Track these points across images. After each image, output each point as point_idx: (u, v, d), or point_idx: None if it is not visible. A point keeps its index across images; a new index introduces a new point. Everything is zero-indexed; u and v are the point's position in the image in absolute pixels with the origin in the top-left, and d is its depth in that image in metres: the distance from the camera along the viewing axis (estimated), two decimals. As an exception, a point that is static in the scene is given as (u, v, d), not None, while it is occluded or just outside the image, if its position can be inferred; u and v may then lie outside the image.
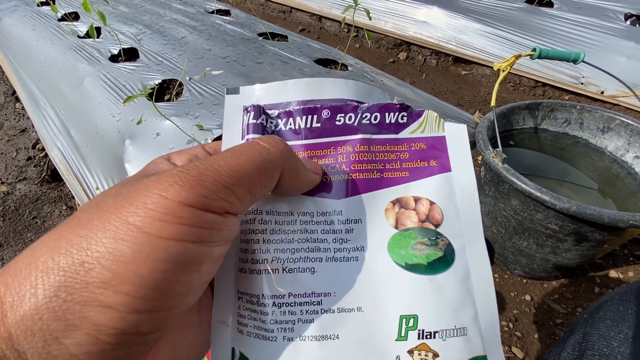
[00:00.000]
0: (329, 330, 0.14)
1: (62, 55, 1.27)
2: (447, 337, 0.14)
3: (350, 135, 0.16)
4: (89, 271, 0.11)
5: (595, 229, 0.57)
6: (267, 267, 0.15)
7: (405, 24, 1.73)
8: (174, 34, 1.32)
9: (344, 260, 0.15)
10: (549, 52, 0.68)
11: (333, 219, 0.15)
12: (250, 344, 0.15)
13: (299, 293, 0.15)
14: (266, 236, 0.15)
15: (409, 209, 0.16)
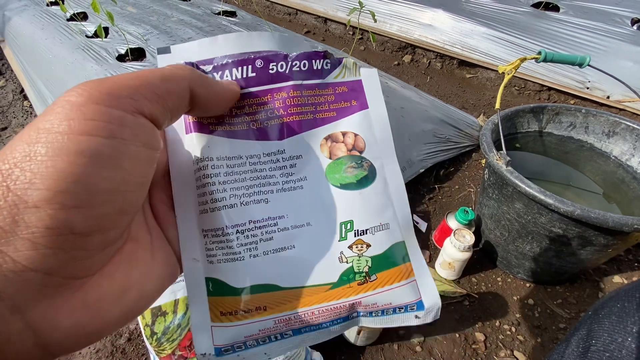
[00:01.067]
0: (286, 243, 0.18)
1: (71, 55, 1.28)
2: (375, 232, 0.19)
3: (284, 82, 0.18)
4: (8, 176, 0.11)
5: (599, 232, 0.57)
6: (225, 203, 0.17)
7: (410, 27, 1.74)
8: (181, 35, 1.33)
9: (291, 189, 0.18)
10: (554, 56, 0.68)
11: (278, 157, 0.18)
12: (222, 269, 0.17)
13: (257, 219, 0.17)
14: (220, 178, 0.17)
15: (339, 142, 0.19)
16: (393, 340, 0.69)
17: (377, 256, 0.19)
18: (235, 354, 0.18)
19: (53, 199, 0.11)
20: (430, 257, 0.84)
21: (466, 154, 1.12)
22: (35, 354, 0.12)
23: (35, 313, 0.12)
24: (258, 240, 0.17)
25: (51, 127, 0.12)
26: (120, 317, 0.14)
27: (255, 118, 0.18)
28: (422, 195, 0.98)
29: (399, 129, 0.97)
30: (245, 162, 0.18)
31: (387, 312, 0.19)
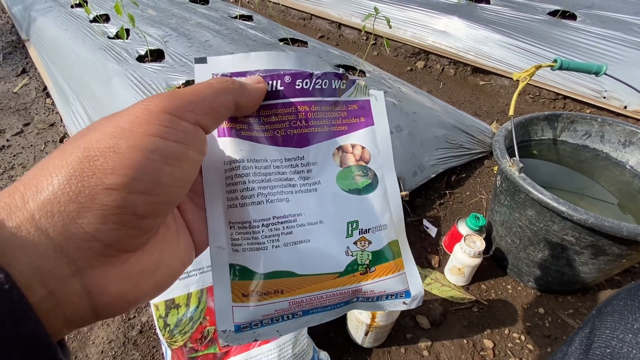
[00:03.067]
0: (303, 237, 0.20)
1: (93, 55, 1.33)
2: (376, 231, 0.22)
3: (307, 97, 0.21)
4: (94, 162, 0.13)
5: (613, 242, 0.56)
6: (254, 200, 0.20)
7: (424, 33, 1.74)
8: (199, 37, 1.37)
9: (308, 191, 0.21)
10: (570, 64, 0.68)
11: (297, 162, 0.21)
12: (246, 256, 0.20)
13: (279, 215, 0.20)
14: (250, 178, 0.20)
15: (348, 152, 0.22)
16: (400, 344, 0.69)
17: (376, 251, 0.22)
18: (251, 330, 0.20)
19: (128, 185, 0.14)
20: (439, 262, 0.84)
21: (478, 161, 1.11)
22: (85, 315, 0.14)
23: (91, 278, 0.14)
24: (280, 234, 0.20)
25: (132, 128, 0.14)
26: (153, 288, 0.16)
27: (280, 127, 0.21)
28: (433, 200, 0.98)
29: (412, 134, 0.97)
30: (270, 165, 0.20)
31: (380, 298, 0.23)
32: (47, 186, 0.13)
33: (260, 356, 0.56)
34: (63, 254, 0.13)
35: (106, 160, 0.13)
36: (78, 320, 0.14)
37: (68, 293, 0.13)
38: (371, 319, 0.55)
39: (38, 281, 0.12)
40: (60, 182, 0.13)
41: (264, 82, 0.20)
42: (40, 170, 0.13)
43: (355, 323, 0.60)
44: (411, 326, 0.72)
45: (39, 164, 0.14)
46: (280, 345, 0.57)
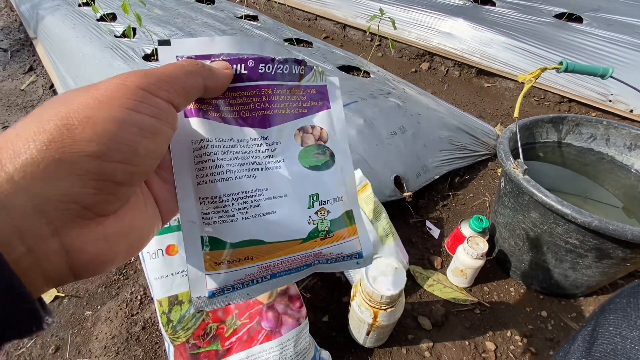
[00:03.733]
0: (269, 209, 0.22)
1: (99, 53, 1.34)
2: (334, 202, 0.24)
3: (269, 81, 0.22)
4: (73, 130, 0.14)
5: (617, 245, 0.56)
6: (223, 177, 0.21)
7: (429, 35, 1.74)
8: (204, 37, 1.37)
9: (273, 168, 0.23)
10: (576, 66, 0.68)
11: (262, 142, 0.22)
12: (217, 228, 0.21)
13: (247, 190, 0.22)
14: (218, 156, 0.21)
15: (309, 133, 0.24)
16: (402, 344, 0.69)
17: (334, 219, 0.24)
18: (224, 295, 0.22)
19: (106, 153, 0.15)
20: (442, 263, 0.84)
21: (482, 163, 1.11)
22: (63, 273, 0.15)
23: (69, 237, 0.15)
24: (248, 207, 0.22)
25: (109, 101, 0.15)
26: (126, 251, 0.18)
27: (245, 108, 0.22)
28: (436, 201, 0.98)
29: (415, 135, 0.97)
30: (237, 144, 0.22)
31: (338, 259, 0.25)
32: (25, 150, 0.13)
33: (262, 354, 0.56)
34: (42, 214, 0.14)
35: (85, 130, 0.14)
36: (56, 278, 0.15)
37: (47, 251, 0.14)
38: (373, 319, 0.55)
39: (17, 238, 0.13)
40: (39, 147, 0.13)
41: (230, 68, 0.21)
42: (16, 136, 0.14)
43: (357, 323, 0.60)
44: (413, 327, 0.72)
45: (10, 130, 0.14)
46: (282, 344, 0.57)
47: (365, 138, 0.89)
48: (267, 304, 0.58)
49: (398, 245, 0.76)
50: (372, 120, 0.94)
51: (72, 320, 0.77)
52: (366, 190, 0.74)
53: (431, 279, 0.79)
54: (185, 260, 0.47)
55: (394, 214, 0.90)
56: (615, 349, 0.26)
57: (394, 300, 0.52)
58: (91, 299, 0.81)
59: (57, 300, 0.80)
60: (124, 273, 0.86)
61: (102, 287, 0.83)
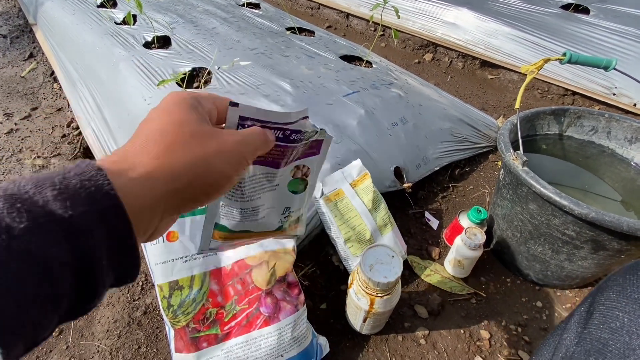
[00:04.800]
0: (262, 215, 0.33)
1: (100, 40, 1.33)
2: (294, 211, 0.36)
3: (293, 144, 0.30)
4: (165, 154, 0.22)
5: (613, 237, 0.56)
6: (243, 199, 0.31)
7: (433, 25, 1.72)
8: (206, 24, 1.36)
9: (271, 190, 0.32)
10: (579, 58, 0.68)
11: (270, 176, 0.31)
12: (228, 223, 0.33)
13: (254, 206, 0.32)
14: (246, 186, 0.30)
15: (299, 170, 0.34)
16: (398, 332, 0.70)
17: (292, 220, 0.37)
18: (216, 249, 0.35)
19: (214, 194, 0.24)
20: (439, 254, 0.84)
21: (483, 155, 1.11)
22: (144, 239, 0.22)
23: (162, 222, 0.23)
24: (250, 215, 0.32)
25: (220, 157, 0.23)
26: None
27: (270, 156, 0.30)
28: (436, 193, 0.99)
29: (416, 126, 0.97)
30: (256, 178, 0.31)
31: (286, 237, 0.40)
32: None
33: (261, 338, 0.58)
34: (159, 207, 0.21)
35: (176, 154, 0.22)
36: (143, 238, 0.22)
37: (151, 225, 0.21)
38: (370, 306, 0.56)
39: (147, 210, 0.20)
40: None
41: (274, 139, 0.28)
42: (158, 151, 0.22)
43: (354, 310, 0.61)
44: (409, 315, 0.73)
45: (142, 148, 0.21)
46: (280, 329, 0.58)
47: (365, 128, 0.89)
48: (266, 290, 0.59)
49: (396, 235, 0.76)
50: (373, 110, 0.94)
51: (75, 305, 0.78)
52: (365, 180, 0.74)
53: (429, 269, 0.80)
54: (184, 246, 0.56)
55: (393, 204, 0.90)
56: (613, 322, 0.27)
57: (391, 288, 0.53)
58: (93, 284, 0.82)
59: (60, 285, 0.82)
60: (125, 259, 0.87)
61: (104, 272, 0.84)
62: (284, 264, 0.61)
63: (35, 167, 1.18)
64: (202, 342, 0.57)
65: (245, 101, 0.91)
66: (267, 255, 0.61)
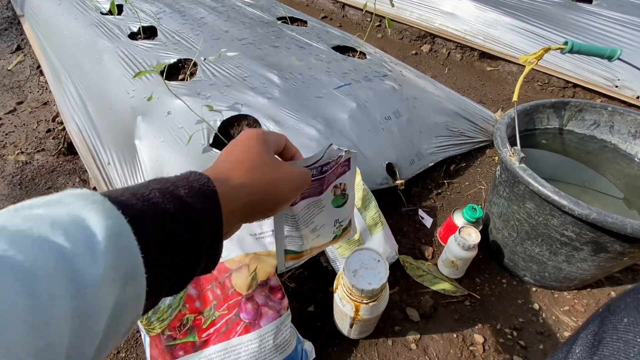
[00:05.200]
0: (320, 233, 0.42)
1: (84, 31, 1.28)
2: (344, 221, 0.44)
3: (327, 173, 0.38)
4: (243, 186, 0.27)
5: (616, 239, 0.53)
6: (299, 226, 0.39)
7: (431, 15, 1.66)
8: (193, 14, 1.31)
9: (321, 212, 0.40)
10: (582, 47, 0.63)
11: (317, 202, 0.39)
12: (292, 247, 0.41)
13: (312, 227, 0.41)
14: (300, 214, 0.39)
15: (338, 188, 0.41)
16: (388, 336, 0.67)
17: (343, 227, 0.44)
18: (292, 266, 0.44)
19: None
20: (433, 253, 0.81)
21: (480, 150, 1.07)
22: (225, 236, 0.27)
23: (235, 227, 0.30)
24: (309, 237, 0.41)
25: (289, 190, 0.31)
26: None
27: (313, 190, 0.38)
28: (430, 190, 0.95)
29: (410, 120, 0.93)
30: (305, 206, 0.39)
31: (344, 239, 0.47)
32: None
33: (241, 346, 0.55)
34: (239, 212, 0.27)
35: (284, 187, 0.30)
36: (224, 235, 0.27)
37: (230, 224, 0.26)
38: (355, 312, 0.53)
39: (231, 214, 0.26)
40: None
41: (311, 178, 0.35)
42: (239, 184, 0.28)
43: (340, 315, 0.58)
44: (400, 318, 0.70)
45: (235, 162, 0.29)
46: (261, 336, 0.55)
47: (357, 123, 0.85)
48: (246, 296, 0.56)
49: (387, 235, 0.73)
50: (365, 103, 0.90)
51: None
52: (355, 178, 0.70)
53: (421, 270, 0.77)
54: None
55: (385, 202, 0.87)
56: (627, 345, 0.24)
57: (376, 295, 0.50)
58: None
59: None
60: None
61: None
62: (266, 267, 0.58)
63: (18, 164, 1.15)
64: (178, 350, 0.54)
65: (229, 93, 0.87)
66: (248, 258, 0.57)
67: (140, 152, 0.83)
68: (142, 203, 0.21)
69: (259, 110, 0.83)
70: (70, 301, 0.16)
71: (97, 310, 0.17)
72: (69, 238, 0.17)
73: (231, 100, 0.85)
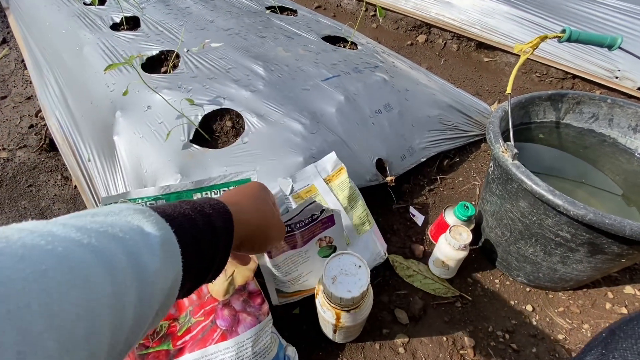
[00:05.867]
0: (306, 279, 0.59)
1: (66, 22, 1.23)
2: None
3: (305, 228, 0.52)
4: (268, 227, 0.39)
5: (613, 240, 0.50)
6: (285, 274, 0.56)
7: (427, 4, 1.61)
8: (178, 4, 1.26)
9: (306, 262, 0.56)
10: (580, 35, 0.59)
11: (302, 252, 0.55)
12: (282, 288, 0.59)
13: (295, 276, 0.57)
14: (285, 265, 0.55)
15: (322, 241, 0.54)
16: (375, 339, 0.65)
17: None
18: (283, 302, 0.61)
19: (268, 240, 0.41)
20: (423, 252, 0.78)
21: (474, 144, 1.03)
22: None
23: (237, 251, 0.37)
24: (295, 281, 0.57)
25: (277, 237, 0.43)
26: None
27: (294, 241, 0.51)
28: (422, 186, 0.92)
29: (402, 114, 0.89)
30: (291, 257, 0.53)
31: None
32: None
33: (217, 354, 0.52)
34: (241, 236, 0.34)
35: (279, 224, 0.42)
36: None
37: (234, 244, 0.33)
38: (336, 320, 0.50)
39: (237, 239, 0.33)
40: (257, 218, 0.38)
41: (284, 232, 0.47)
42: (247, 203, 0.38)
43: (323, 321, 0.55)
44: (388, 321, 0.67)
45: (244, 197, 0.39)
46: (238, 343, 0.52)
47: (345, 117, 0.82)
48: (223, 301, 0.53)
49: (375, 234, 0.70)
50: (354, 96, 0.86)
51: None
52: (341, 176, 0.67)
53: (411, 269, 0.74)
54: None
55: (375, 199, 0.83)
56: None
57: (357, 303, 0.47)
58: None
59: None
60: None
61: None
62: (244, 271, 0.55)
63: (0, 161, 1.11)
64: (151, 359, 0.51)
65: (211, 86, 0.83)
66: (225, 261, 0.54)
67: (118, 148, 0.79)
68: (181, 218, 0.27)
69: (242, 103, 0.79)
70: (135, 292, 0.20)
71: (152, 302, 0.22)
72: (134, 241, 0.21)
73: (213, 93, 0.82)
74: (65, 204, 0.97)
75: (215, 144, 0.78)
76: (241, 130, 0.78)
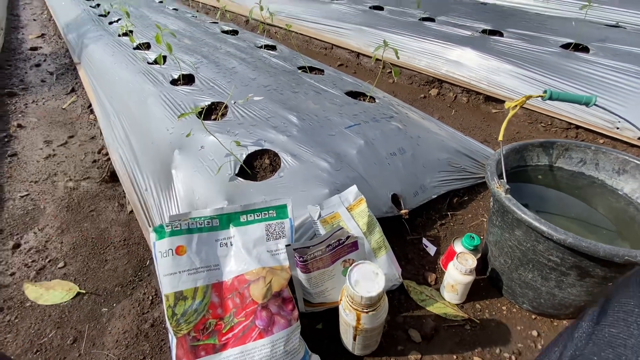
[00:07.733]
0: (331, 293, 0.72)
1: (133, 78, 1.50)
2: None
3: (331, 251, 0.67)
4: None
5: (595, 263, 0.58)
6: (312, 288, 0.70)
7: (438, 63, 1.82)
8: (226, 64, 1.51)
9: (330, 278, 0.70)
10: (560, 95, 0.73)
11: (327, 271, 0.69)
12: (308, 298, 0.72)
13: (323, 289, 0.70)
14: (314, 279, 0.69)
15: (347, 262, 0.69)
16: (390, 355, 0.72)
17: None
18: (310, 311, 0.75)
19: None
20: (436, 279, 0.86)
21: (482, 185, 1.14)
22: None
23: None
24: (320, 295, 0.71)
25: None
26: None
27: (320, 263, 0.66)
28: (434, 220, 1.02)
29: (414, 156, 1.03)
30: (323, 273, 0.68)
31: None
32: None
33: (255, 350, 0.61)
34: None
35: None
36: None
37: None
38: (357, 321, 0.59)
39: None
40: None
41: None
42: None
43: (344, 327, 0.64)
44: (403, 339, 0.74)
45: None
46: (273, 342, 0.62)
47: (364, 157, 0.96)
48: (262, 304, 0.64)
49: (391, 259, 0.80)
50: (372, 141, 1.01)
51: (90, 316, 0.84)
52: (360, 205, 0.79)
53: (424, 294, 0.82)
54: (191, 260, 0.67)
55: (391, 230, 0.94)
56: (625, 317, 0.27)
57: (375, 303, 0.57)
58: (108, 296, 0.88)
59: (79, 297, 0.89)
60: (138, 275, 0.94)
61: (118, 286, 0.91)
62: (280, 279, 0.66)
63: (67, 189, 1.30)
64: (200, 350, 0.61)
65: (254, 131, 1.01)
66: (265, 271, 0.66)
67: (175, 179, 0.96)
68: None
69: (279, 145, 0.95)
70: None
71: None
72: None
73: (256, 137, 0.99)
74: (121, 227, 1.12)
75: (255, 177, 0.93)
76: (277, 167, 0.93)
